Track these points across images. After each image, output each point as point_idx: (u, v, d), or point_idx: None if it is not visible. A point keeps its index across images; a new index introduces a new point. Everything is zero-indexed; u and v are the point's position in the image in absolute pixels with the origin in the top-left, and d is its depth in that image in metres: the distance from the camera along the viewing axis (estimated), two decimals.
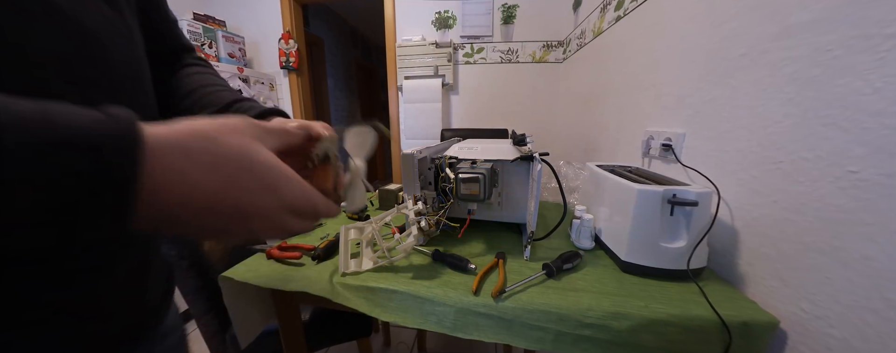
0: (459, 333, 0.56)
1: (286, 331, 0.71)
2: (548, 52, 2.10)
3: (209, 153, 0.19)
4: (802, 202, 0.51)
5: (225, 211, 0.20)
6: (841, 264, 0.45)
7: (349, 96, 4.23)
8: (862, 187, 0.43)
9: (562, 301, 0.54)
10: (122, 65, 0.26)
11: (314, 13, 3.20)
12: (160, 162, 0.17)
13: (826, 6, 0.48)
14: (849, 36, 0.45)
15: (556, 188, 0.72)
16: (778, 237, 0.55)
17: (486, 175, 0.68)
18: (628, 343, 0.51)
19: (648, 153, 0.94)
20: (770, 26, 0.58)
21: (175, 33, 0.43)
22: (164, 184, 0.17)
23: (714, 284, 0.59)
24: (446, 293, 0.56)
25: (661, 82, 0.92)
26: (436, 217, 0.70)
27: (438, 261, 0.66)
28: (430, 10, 2.14)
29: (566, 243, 0.76)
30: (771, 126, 0.57)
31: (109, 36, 0.25)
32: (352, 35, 4.18)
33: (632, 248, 0.62)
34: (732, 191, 0.64)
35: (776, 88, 0.56)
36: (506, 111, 2.24)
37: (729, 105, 0.66)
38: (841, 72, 0.46)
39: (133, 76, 0.28)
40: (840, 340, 0.45)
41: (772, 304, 0.54)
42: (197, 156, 0.19)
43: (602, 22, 1.41)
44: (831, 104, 0.47)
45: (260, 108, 0.40)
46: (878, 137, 0.41)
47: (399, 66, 2.21)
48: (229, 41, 2.13)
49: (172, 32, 0.42)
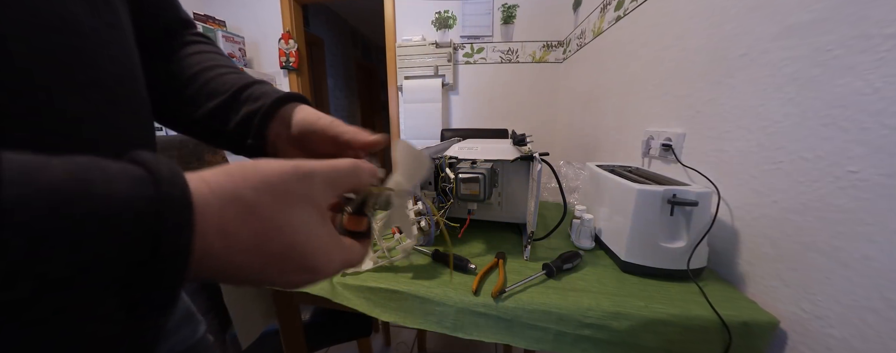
0: (459, 333, 0.56)
1: (286, 331, 0.71)
2: (548, 53, 2.10)
3: (250, 231, 0.17)
4: (802, 202, 0.51)
5: (254, 282, 0.19)
6: (841, 264, 0.45)
7: (349, 96, 4.23)
8: (862, 187, 0.43)
9: (562, 301, 0.54)
10: (110, 62, 0.23)
11: (314, 13, 3.20)
12: (201, 242, 0.15)
13: (826, 6, 0.48)
14: (849, 36, 0.45)
15: (556, 188, 0.72)
16: (778, 237, 0.55)
17: (486, 175, 0.68)
18: (628, 343, 0.51)
19: (648, 153, 0.94)
20: (770, 26, 0.58)
21: (172, 5, 0.37)
22: (201, 265, 0.15)
23: (714, 284, 0.59)
24: (446, 293, 0.56)
25: (661, 82, 0.92)
26: (436, 217, 0.70)
27: (438, 261, 0.66)
28: (430, 10, 2.14)
29: (566, 243, 0.76)
30: (771, 126, 0.57)
31: (93, 28, 0.22)
32: (352, 35, 4.18)
33: (632, 248, 0.62)
34: (732, 191, 0.64)
35: (776, 88, 0.56)
36: (506, 111, 2.24)
37: (729, 105, 0.66)
38: (841, 72, 0.46)
39: (126, 75, 0.25)
40: (840, 340, 0.45)
41: (772, 304, 0.54)
42: (235, 237, 0.16)
43: (602, 22, 1.41)
44: (831, 104, 0.47)
45: (275, 94, 0.34)
46: (878, 137, 0.41)
47: (399, 66, 2.21)
48: (229, 41, 2.13)
49: (169, 5, 0.37)
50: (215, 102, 0.34)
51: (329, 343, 1.01)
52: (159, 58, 0.35)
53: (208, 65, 0.36)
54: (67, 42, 0.20)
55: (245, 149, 0.35)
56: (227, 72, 0.36)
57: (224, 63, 0.38)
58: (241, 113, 0.34)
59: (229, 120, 0.34)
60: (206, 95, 0.34)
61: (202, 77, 0.35)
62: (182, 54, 0.36)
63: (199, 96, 0.34)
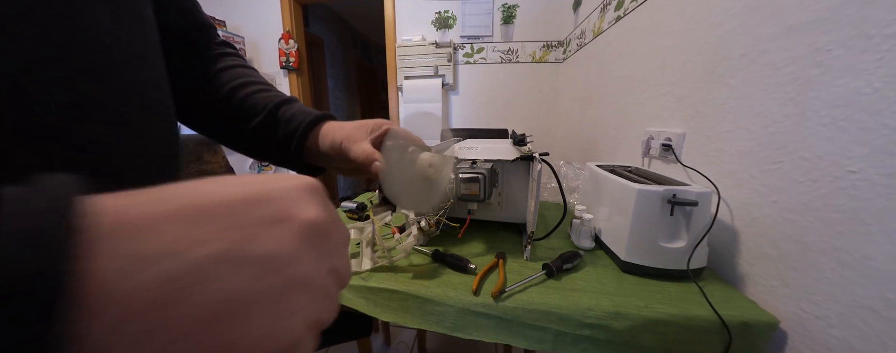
0: (459, 333, 0.56)
1: None
2: (548, 53, 2.10)
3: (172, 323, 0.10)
4: (802, 202, 0.51)
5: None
6: (841, 264, 0.45)
7: (349, 96, 4.23)
8: (862, 187, 0.43)
9: (562, 301, 0.54)
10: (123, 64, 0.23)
11: (314, 13, 3.20)
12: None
13: (826, 6, 0.48)
14: (849, 36, 0.45)
15: (556, 188, 0.72)
16: (778, 237, 0.55)
17: (486, 175, 0.68)
18: (628, 343, 0.51)
19: (648, 153, 0.94)
20: (770, 26, 0.58)
21: (197, 8, 0.40)
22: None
23: (714, 284, 0.59)
24: (446, 293, 0.56)
25: (661, 82, 0.92)
26: (436, 217, 0.70)
27: (438, 261, 0.66)
28: (430, 10, 2.14)
29: (566, 243, 0.76)
30: (771, 126, 0.57)
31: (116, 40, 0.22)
32: (352, 35, 4.18)
33: (632, 248, 0.62)
34: (732, 191, 0.64)
35: (776, 88, 0.56)
36: (506, 111, 2.24)
37: (729, 105, 0.66)
38: (841, 72, 0.46)
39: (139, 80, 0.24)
40: (840, 340, 0.45)
41: (772, 304, 0.54)
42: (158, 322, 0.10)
43: (602, 22, 1.41)
44: (831, 104, 0.47)
45: (310, 115, 0.38)
46: (878, 137, 0.41)
47: (399, 66, 2.21)
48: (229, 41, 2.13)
49: (193, 7, 0.40)
50: (254, 122, 0.38)
51: (329, 343, 1.01)
52: (195, 54, 0.39)
53: (242, 81, 0.40)
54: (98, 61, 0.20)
55: (290, 158, 0.40)
56: (261, 89, 0.40)
57: (256, 79, 0.41)
58: (279, 134, 0.39)
59: (271, 139, 0.39)
60: (244, 115, 0.38)
61: (238, 94, 0.39)
62: (219, 67, 0.40)
63: (238, 117, 0.39)
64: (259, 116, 0.38)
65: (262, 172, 2.25)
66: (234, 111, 0.39)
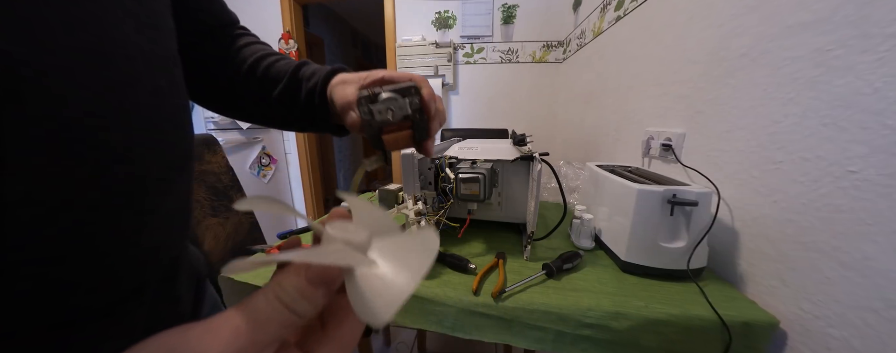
0: (459, 333, 0.56)
1: None
2: (548, 53, 2.10)
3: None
4: (802, 202, 0.51)
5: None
6: (841, 264, 0.45)
7: None
8: (862, 187, 0.43)
9: (562, 301, 0.54)
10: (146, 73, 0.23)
11: (314, 13, 3.20)
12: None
13: (826, 6, 0.48)
14: (849, 36, 0.45)
15: (556, 188, 0.72)
16: (778, 237, 0.55)
17: (486, 175, 0.68)
18: (628, 343, 0.51)
19: (648, 153, 0.94)
20: (770, 26, 0.58)
21: (223, 9, 0.42)
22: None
23: (714, 284, 0.59)
24: (446, 293, 0.56)
25: (662, 82, 0.92)
26: (436, 217, 0.70)
27: (438, 261, 0.66)
28: (430, 10, 2.14)
29: (566, 243, 0.76)
30: (771, 126, 0.57)
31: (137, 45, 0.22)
32: (352, 35, 4.17)
33: (632, 248, 0.62)
34: (732, 191, 0.64)
35: (776, 88, 0.56)
36: (506, 111, 2.24)
37: (729, 105, 0.66)
38: (841, 72, 0.46)
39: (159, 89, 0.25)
40: (840, 340, 0.45)
41: (772, 304, 0.54)
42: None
43: (602, 22, 1.41)
44: (831, 104, 0.47)
45: (324, 69, 0.40)
46: (878, 137, 0.41)
47: (399, 66, 2.21)
48: None
49: (219, 8, 0.42)
50: (279, 87, 0.40)
51: None
52: (219, 46, 0.41)
53: (259, 55, 0.42)
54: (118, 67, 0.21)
55: (317, 118, 0.42)
56: (277, 60, 0.42)
57: (269, 51, 0.44)
58: (303, 93, 0.40)
59: (295, 103, 0.41)
60: (266, 85, 0.41)
61: (258, 69, 0.41)
62: (237, 47, 0.42)
63: (263, 90, 0.41)
64: (282, 82, 0.40)
65: (261, 172, 2.25)
66: (259, 82, 0.41)
